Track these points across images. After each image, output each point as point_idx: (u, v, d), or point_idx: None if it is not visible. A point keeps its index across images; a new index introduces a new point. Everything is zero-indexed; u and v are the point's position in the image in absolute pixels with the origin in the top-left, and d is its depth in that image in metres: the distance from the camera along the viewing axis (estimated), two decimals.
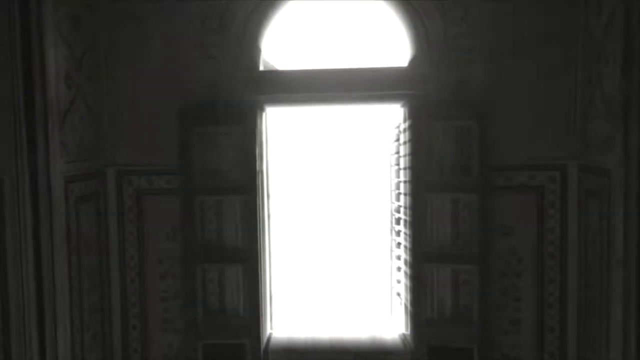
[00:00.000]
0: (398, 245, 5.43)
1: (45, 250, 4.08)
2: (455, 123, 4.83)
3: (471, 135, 4.77)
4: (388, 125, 5.57)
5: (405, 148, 5.08)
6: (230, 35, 4.87)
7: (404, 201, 5.16)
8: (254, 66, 4.93)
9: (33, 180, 4.06)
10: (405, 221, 5.12)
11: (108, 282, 4.99)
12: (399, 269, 5.38)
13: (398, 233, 5.45)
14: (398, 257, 5.45)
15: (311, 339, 5.27)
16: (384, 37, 4.93)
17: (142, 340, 5.06)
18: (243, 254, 4.94)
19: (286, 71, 5.00)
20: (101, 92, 4.90)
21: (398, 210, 5.47)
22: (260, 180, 5.02)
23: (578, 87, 4.70)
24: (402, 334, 5.25)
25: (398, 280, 5.43)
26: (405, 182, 5.11)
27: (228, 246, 5.00)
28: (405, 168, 5.08)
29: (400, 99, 4.99)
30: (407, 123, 4.97)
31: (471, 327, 4.81)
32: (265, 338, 5.15)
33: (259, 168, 5.01)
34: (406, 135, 5.02)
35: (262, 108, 5.10)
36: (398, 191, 5.41)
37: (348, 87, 4.90)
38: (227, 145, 4.94)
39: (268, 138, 5.33)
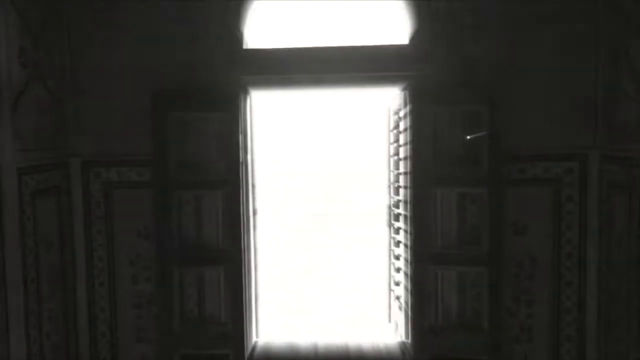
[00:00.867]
0: (397, 243, 4.88)
1: None
2: (462, 108, 4.27)
3: (480, 121, 4.21)
4: (387, 111, 5.00)
5: (405, 136, 4.52)
6: (211, 8, 4.30)
7: (404, 195, 4.60)
8: (238, 44, 4.35)
9: None
10: (405, 217, 4.56)
11: (73, 286, 4.41)
12: (399, 270, 4.82)
13: (397, 230, 4.90)
14: (397, 257, 4.90)
15: (300, 348, 4.72)
16: (383, 13, 4.35)
17: (112, 350, 4.49)
18: (225, 255, 4.38)
19: (274, 49, 4.43)
20: (63, 73, 4.32)
21: (397, 205, 4.92)
22: (244, 172, 4.46)
23: (601, 66, 4.15)
24: (402, 342, 4.70)
25: (397, 282, 4.87)
26: (405, 174, 4.55)
27: (208, 246, 4.43)
28: (405, 158, 4.52)
29: (400, 81, 4.43)
30: (408, 108, 4.40)
31: (479, 336, 4.26)
32: (249, 347, 4.60)
33: (243, 159, 4.44)
34: (407, 121, 4.45)
35: (247, 91, 4.53)
36: (397, 184, 4.85)
37: (342, 68, 4.33)
38: (207, 133, 4.37)
39: (254, 125, 4.76)
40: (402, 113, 4.59)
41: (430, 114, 4.27)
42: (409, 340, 4.49)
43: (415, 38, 4.30)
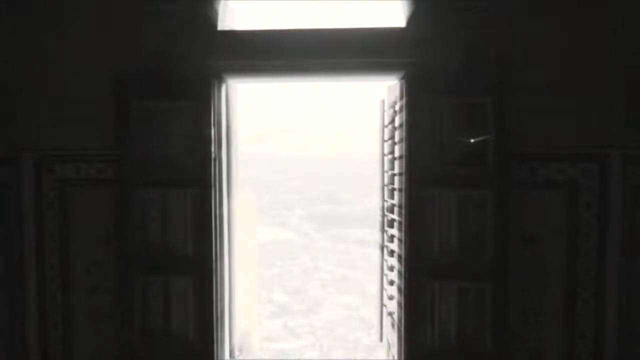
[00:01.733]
0: (391, 253, 4.30)
1: None
2: (465, 100, 3.69)
3: (486, 115, 3.64)
4: (380, 105, 4.42)
5: (401, 132, 3.95)
6: None
7: (399, 199, 4.03)
8: (211, 25, 3.79)
9: None
10: (400, 224, 3.99)
11: (22, 297, 3.85)
12: (392, 283, 4.25)
13: (391, 238, 4.32)
14: (391, 268, 4.32)
15: None
16: None
17: None
18: (194, 263, 3.81)
19: (252, 31, 3.85)
20: (11, 54, 3.76)
21: (392, 209, 4.34)
22: (217, 170, 3.89)
23: (624, 54, 3.58)
24: None
25: (391, 296, 4.29)
26: (400, 175, 3.97)
27: (176, 252, 3.85)
28: (401, 157, 3.95)
29: (396, 70, 3.85)
30: (405, 100, 3.83)
31: None
32: None
33: (216, 155, 3.87)
34: (403, 115, 3.88)
35: (222, 79, 3.95)
36: (392, 186, 4.28)
37: (331, 53, 3.76)
38: (176, 125, 3.79)
39: (232, 117, 4.20)
40: (398, 106, 4.01)
41: (429, 107, 3.70)
42: None
43: (413, 21, 3.72)
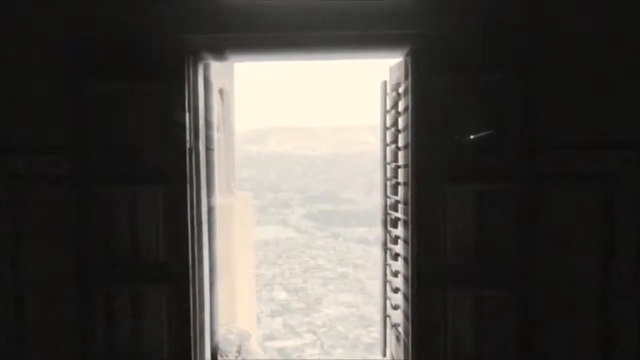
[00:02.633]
0: (395, 257, 3.71)
1: None
2: (483, 78, 3.10)
3: (507, 95, 3.05)
4: (382, 87, 3.82)
5: (406, 118, 3.36)
6: None
7: (404, 195, 3.44)
8: None
9: None
10: (406, 224, 3.40)
11: None
12: (397, 291, 3.66)
13: (395, 240, 3.73)
14: (395, 274, 3.73)
15: None
16: None
17: None
18: (168, 271, 3.22)
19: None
20: None
21: (395, 207, 3.76)
22: (194, 163, 3.30)
23: None
24: None
25: (395, 305, 3.71)
26: (405, 168, 3.39)
27: (147, 259, 3.26)
28: (406, 147, 3.36)
29: (401, 44, 3.24)
30: (411, 79, 3.23)
31: None
32: None
33: (192, 145, 3.29)
34: (408, 98, 3.29)
35: (199, 56, 3.36)
36: (395, 180, 3.69)
37: (325, 25, 3.16)
38: (145, 111, 3.21)
39: (212, 102, 3.61)
40: (403, 88, 3.42)
41: (439, 87, 3.11)
42: None
43: None
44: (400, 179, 3.58)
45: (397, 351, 3.63)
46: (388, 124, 3.75)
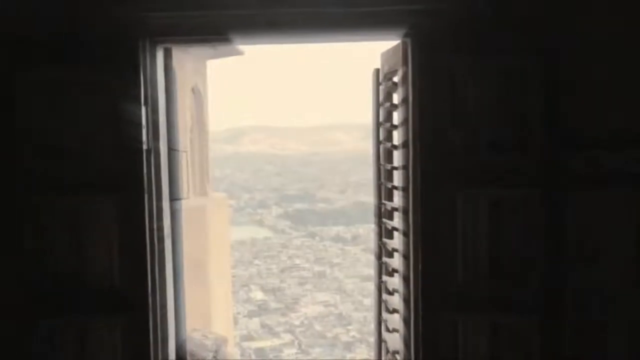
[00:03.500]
0: (392, 273, 3.14)
1: None
2: (500, 64, 2.55)
3: (528, 82, 2.50)
4: (373, 77, 3.25)
5: (405, 111, 2.79)
6: None
7: (404, 201, 2.87)
8: None
9: None
10: (405, 235, 2.83)
11: None
12: (394, 312, 3.09)
13: (392, 253, 3.17)
14: (392, 292, 3.16)
15: None
16: None
17: None
18: (123, 299, 2.62)
19: None
20: None
21: (391, 215, 3.19)
22: (153, 167, 2.70)
23: None
24: None
25: (392, 329, 3.14)
26: (404, 170, 2.82)
27: (96, 285, 2.64)
28: (405, 145, 2.79)
29: (399, 23, 2.67)
30: (411, 65, 2.66)
31: None
32: None
33: (151, 146, 2.68)
34: (406, 88, 2.72)
35: (157, 40, 2.75)
36: (391, 184, 3.13)
37: (309, 1, 2.60)
38: (90, 104, 2.59)
39: (175, 94, 3.00)
40: (400, 76, 2.85)
41: (446, 73, 2.55)
42: None
43: None
44: (397, 183, 3.01)
45: None
46: (381, 119, 3.18)
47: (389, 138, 3.15)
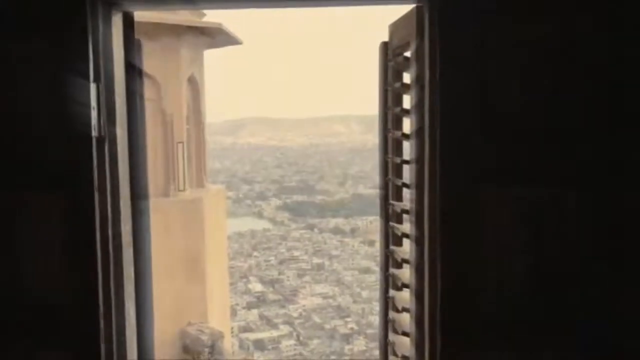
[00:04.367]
0: (401, 287, 2.59)
1: None
2: (541, 28, 1.99)
3: (591, 54, 1.95)
4: (380, 51, 2.68)
5: (418, 93, 2.23)
6: None
7: (414, 203, 2.31)
8: None
9: None
10: (418, 244, 2.27)
11: None
12: (405, 334, 2.54)
13: (400, 264, 2.61)
14: (400, 310, 2.61)
15: None
16: None
17: None
18: (69, 323, 2.07)
19: None
20: None
21: (400, 218, 2.64)
22: (107, 158, 2.14)
23: None
24: None
25: (402, 356, 2.59)
26: (417, 164, 2.26)
27: (39, 303, 2.10)
28: (419, 134, 2.23)
29: None
30: (428, 33, 2.10)
31: None
32: None
33: (104, 132, 2.12)
34: (424, 64, 2.16)
35: (112, 3, 2.18)
36: (401, 181, 2.57)
37: None
38: (25, 82, 2.03)
39: (136, 66, 2.43)
40: (413, 49, 2.28)
41: (472, 42, 1.99)
42: None
43: None
44: (408, 179, 2.45)
45: None
46: (390, 102, 2.61)
47: (398, 125, 2.59)
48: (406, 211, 2.46)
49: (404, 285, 2.48)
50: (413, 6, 2.22)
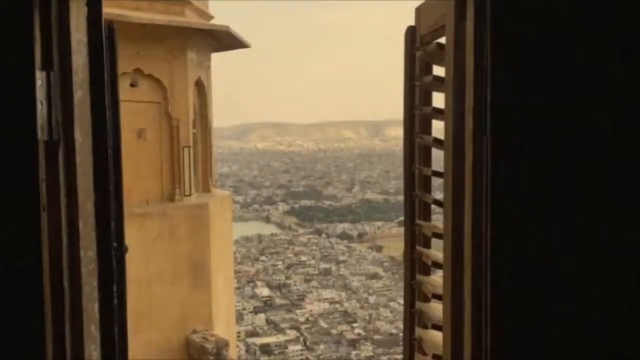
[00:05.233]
0: (425, 325, 2.08)
1: None
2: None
3: None
4: (406, 39, 2.18)
5: (455, 88, 1.73)
6: None
7: (450, 226, 1.81)
8: None
9: None
10: (457, 286, 1.77)
11: None
12: None
13: (427, 297, 2.10)
14: (424, 352, 2.10)
15: None
16: None
17: None
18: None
19: None
20: None
21: (427, 241, 2.13)
22: (61, 169, 1.65)
23: None
24: None
25: None
26: (454, 180, 1.76)
27: None
28: (457, 140, 1.73)
29: None
30: (474, 11, 1.61)
31: None
32: None
33: (60, 135, 1.63)
34: (462, 53, 1.66)
35: None
36: (432, 197, 2.06)
37: None
38: None
39: (109, 61, 1.95)
40: (450, 32, 1.78)
41: (534, 24, 1.50)
42: None
43: None
44: (439, 195, 1.95)
45: None
46: (417, 101, 2.11)
47: (427, 129, 2.09)
48: (439, 235, 1.95)
49: (436, 327, 1.97)
50: None
